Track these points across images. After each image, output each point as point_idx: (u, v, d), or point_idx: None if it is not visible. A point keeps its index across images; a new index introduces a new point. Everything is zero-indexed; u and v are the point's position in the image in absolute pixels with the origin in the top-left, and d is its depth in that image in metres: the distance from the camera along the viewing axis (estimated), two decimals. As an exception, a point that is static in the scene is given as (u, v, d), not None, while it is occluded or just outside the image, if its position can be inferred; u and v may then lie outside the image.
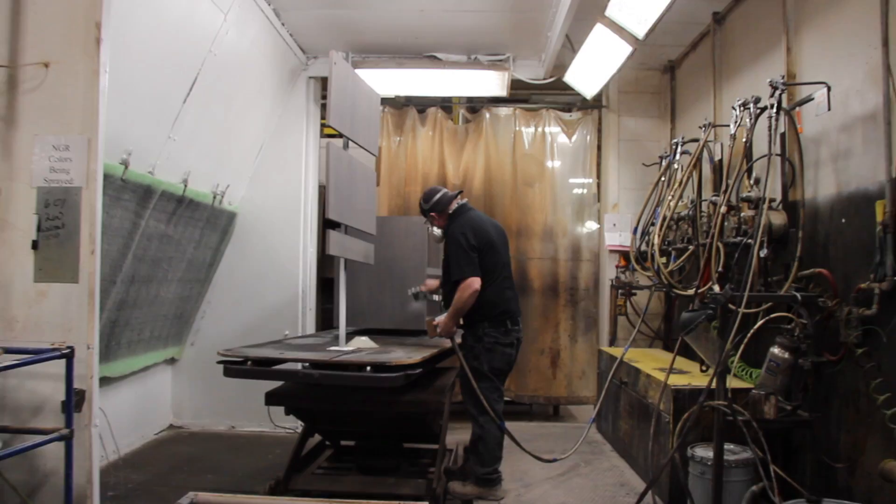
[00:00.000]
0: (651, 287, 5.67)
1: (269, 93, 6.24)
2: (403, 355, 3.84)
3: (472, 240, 4.33)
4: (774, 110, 3.67)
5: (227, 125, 5.69)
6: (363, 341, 4.31)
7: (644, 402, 4.68)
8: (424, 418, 4.33)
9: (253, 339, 5.86)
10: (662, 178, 5.42)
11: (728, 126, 4.69)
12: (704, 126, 4.67)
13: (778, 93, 3.69)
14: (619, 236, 6.64)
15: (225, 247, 6.53)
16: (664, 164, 5.48)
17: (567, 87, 6.55)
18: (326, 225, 3.99)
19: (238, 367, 3.70)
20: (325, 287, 7.04)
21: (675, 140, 5.19)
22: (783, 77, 3.76)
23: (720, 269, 4.03)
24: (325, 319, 7.16)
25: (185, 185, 5.23)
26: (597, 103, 6.93)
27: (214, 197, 5.83)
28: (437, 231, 4.66)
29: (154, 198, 4.83)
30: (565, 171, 6.95)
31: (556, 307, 6.86)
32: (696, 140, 5.01)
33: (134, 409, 5.86)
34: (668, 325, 6.27)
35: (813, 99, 3.62)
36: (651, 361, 5.20)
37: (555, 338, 6.85)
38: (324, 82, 6.81)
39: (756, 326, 3.67)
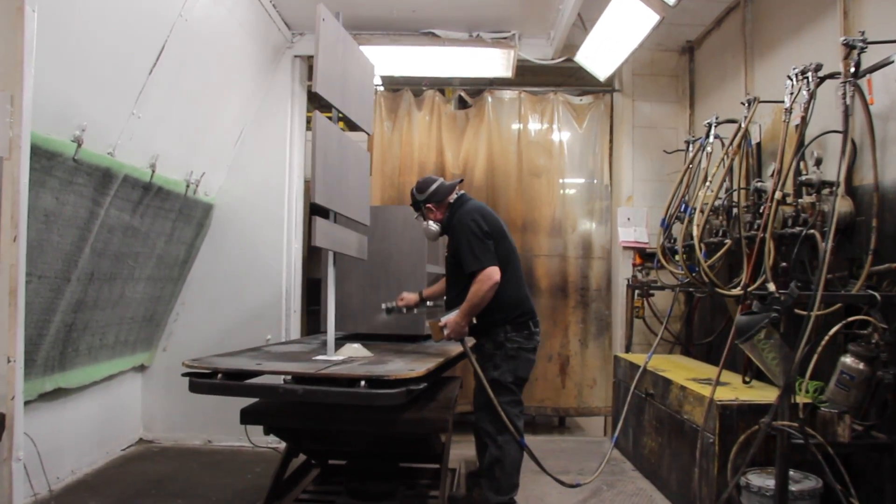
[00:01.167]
0: (676, 287, 5.10)
1: (250, 71, 5.62)
2: (404, 366, 3.24)
3: (485, 225, 3.75)
4: (852, 75, 3.09)
5: (202, 105, 5.07)
6: (355, 349, 3.69)
7: (677, 417, 4.09)
8: (427, 437, 3.73)
9: (231, 343, 5.40)
10: (691, 165, 4.84)
11: (771, 103, 4.16)
12: (747, 102, 4.08)
13: (857, 53, 3.11)
14: (633, 231, 6.06)
15: (200, 242, 5.91)
16: (693, 148, 4.91)
17: (575, 74, 6.03)
18: (312, 211, 3.38)
19: (206, 380, 3.08)
20: (311, 289, 6.43)
21: (708, 121, 4.61)
22: (862, 34, 3.17)
23: (776, 265, 3.44)
24: (312, 322, 6.56)
25: (153, 171, 4.60)
26: (608, 87, 6.36)
27: (188, 186, 5.21)
28: (432, 226, 4.01)
29: (115, 183, 4.20)
30: (575, 160, 6.37)
31: (566, 309, 6.28)
32: (733, 121, 4.45)
33: (97, 422, 5.23)
34: (689, 328, 5.69)
35: (893, 62, 3.04)
36: (680, 370, 4.62)
37: (564, 343, 6.26)
38: (311, 62, 6.21)
39: (833, 331, 3.08)
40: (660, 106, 6.25)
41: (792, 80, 3.46)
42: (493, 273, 3.66)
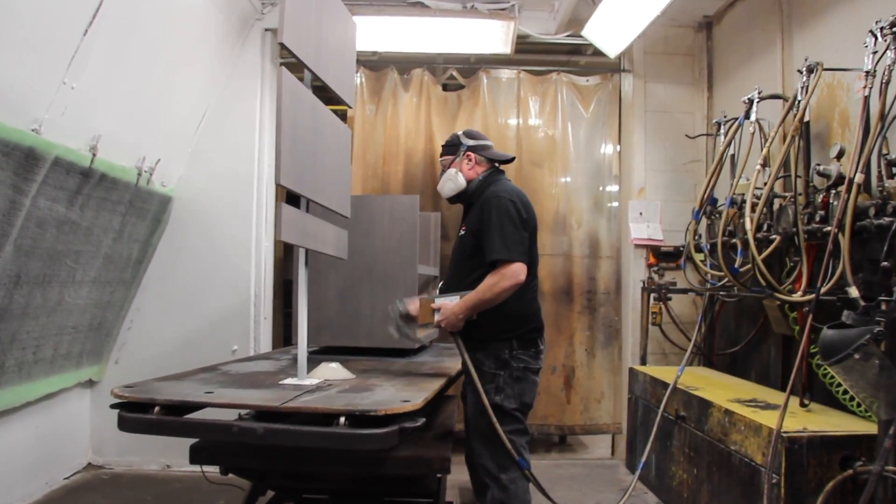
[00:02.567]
0: (706, 290, 4.45)
1: (213, 43, 4.90)
2: (394, 395, 2.54)
3: (525, 213, 3.10)
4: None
5: (155, 78, 4.34)
6: (332, 370, 2.98)
7: (721, 448, 3.42)
8: (423, 476, 3.06)
9: (193, 354, 4.80)
10: (725, 150, 4.20)
11: (837, 71, 3.51)
12: (805, 70, 3.41)
13: None
14: (646, 227, 5.42)
15: (157, 239, 5.18)
16: (727, 130, 4.27)
17: (566, 65, 5.39)
18: (288, 200, 2.68)
19: (139, 416, 2.37)
20: (288, 291, 5.72)
21: (748, 96, 3.95)
22: None
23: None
24: (287, 326, 5.85)
25: (94, 154, 3.87)
26: (616, 66, 5.72)
27: (140, 174, 4.48)
28: (460, 178, 3.31)
29: (42, 167, 3.47)
30: (580, 148, 5.70)
31: (571, 315, 5.60)
32: (778, 96, 3.82)
33: (35, 448, 4.50)
34: (712, 336, 5.05)
35: None
36: (714, 388, 3.97)
37: (569, 353, 5.59)
38: (283, 36, 5.51)
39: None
40: (674, 88, 5.60)
41: (877, 36, 2.80)
42: (520, 271, 2.97)
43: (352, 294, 3.86)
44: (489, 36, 5.21)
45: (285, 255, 5.89)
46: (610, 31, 5.04)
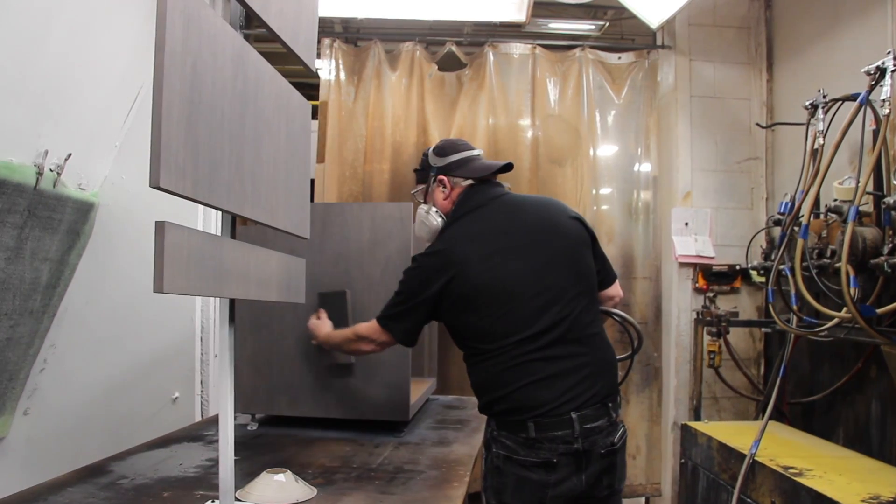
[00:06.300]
0: (793, 330, 3.36)
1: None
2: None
3: (436, 278, 2.20)
4: None
5: (57, 40, 3.20)
6: (279, 486, 1.84)
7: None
8: None
9: (123, 401, 3.87)
10: (819, 142, 3.11)
11: None
12: None
13: None
14: (694, 241, 4.35)
15: (76, 258, 4.01)
16: (832, 111, 3.19)
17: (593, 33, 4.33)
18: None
19: None
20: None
21: (877, 64, 2.82)
22: None
23: None
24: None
25: (-44, 146, 2.74)
26: (652, 41, 4.65)
27: (41, 173, 3.33)
28: (433, 217, 2.40)
29: None
30: (611, 142, 4.60)
31: (601, 350, 4.52)
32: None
33: None
34: (784, 381, 3.96)
35: None
36: (824, 469, 2.86)
37: (598, 398, 4.51)
38: None
39: None
40: (725, 68, 4.52)
41: None
42: (376, 336, 2.35)
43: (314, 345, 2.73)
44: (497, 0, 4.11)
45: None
46: (654, -6, 3.98)
